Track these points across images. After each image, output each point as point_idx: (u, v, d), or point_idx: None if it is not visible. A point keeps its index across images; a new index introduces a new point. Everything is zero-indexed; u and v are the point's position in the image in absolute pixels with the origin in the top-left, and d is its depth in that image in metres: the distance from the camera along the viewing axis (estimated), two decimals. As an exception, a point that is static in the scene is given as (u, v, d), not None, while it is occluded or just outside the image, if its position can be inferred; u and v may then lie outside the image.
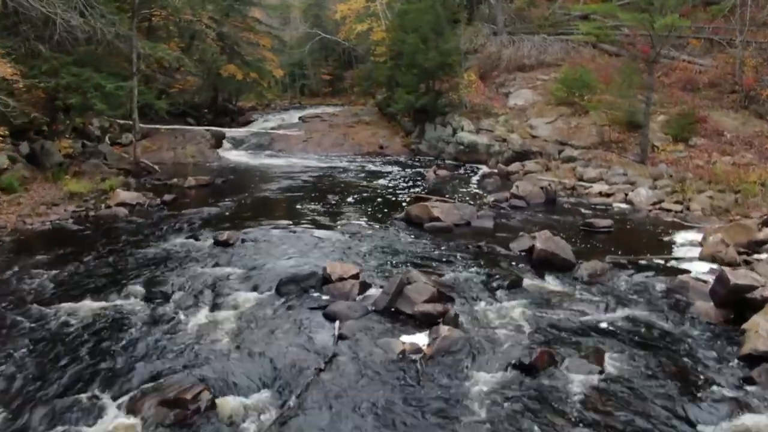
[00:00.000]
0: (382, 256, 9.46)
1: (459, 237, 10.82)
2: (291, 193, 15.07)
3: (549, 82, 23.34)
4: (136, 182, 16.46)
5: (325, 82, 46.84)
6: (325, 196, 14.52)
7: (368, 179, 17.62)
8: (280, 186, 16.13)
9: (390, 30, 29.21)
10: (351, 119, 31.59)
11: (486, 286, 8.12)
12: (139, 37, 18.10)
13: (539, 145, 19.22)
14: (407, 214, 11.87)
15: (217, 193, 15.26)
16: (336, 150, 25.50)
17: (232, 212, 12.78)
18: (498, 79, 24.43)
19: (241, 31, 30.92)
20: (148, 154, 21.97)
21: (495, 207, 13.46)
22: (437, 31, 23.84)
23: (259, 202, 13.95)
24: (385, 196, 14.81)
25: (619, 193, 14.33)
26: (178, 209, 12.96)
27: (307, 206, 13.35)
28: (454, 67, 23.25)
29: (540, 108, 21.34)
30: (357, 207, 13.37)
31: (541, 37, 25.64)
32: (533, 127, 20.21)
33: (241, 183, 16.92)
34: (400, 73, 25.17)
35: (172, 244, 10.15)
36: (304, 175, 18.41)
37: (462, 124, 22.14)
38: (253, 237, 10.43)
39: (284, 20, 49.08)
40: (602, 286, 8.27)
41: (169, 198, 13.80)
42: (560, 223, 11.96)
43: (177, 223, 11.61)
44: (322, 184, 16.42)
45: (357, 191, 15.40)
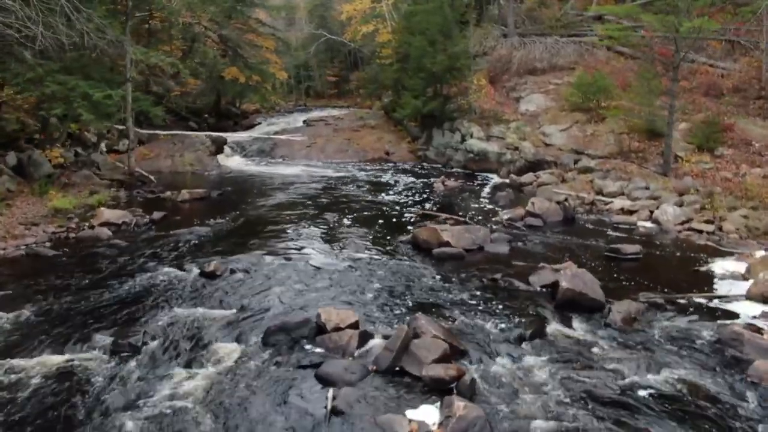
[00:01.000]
0: (385, 293, 8.29)
1: (471, 266, 9.64)
2: (289, 210, 13.93)
3: (562, 87, 22.11)
4: (127, 195, 15.38)
5: (331, 84, 45.73)
6: (325, 212, 13.38)
7: (372, 191, 16.47)
8: (278, 200, 15.00)
9: (396, 32, 28.03)
10: (356, 123, 30.47)
11: (505, 335, 6.95)
12: (132, 42, 17.00)
13: (553, 154, 18.00)
14: (414, 238, 10.71)
15: (211, 209, 14.15)
16: (340, 156, 24.37)
17: (224, 233, 11.66)
18: (508, 84, 23.20)
19: (244, 33, 29.81)
20: (145, 162, 20.94)
21: (509, 226, 12.28)
22: (445, 33, 22.64)
23: (254, 221, 12.82)
24: (390, 212, 13.65)
25: (643, 210, 13.10)
26: (167, 229, 11.86)
27: (306, 226, 12.21)
28: (463, 71, 22.05)
29: (553, 114, 20.11)
30: (359, 226, 12.21)
31: (553, 38, 24.38)
32: (546, 135, 18.99)
33: (239, 196, 15.80)
34: (407, 77, 23.99)
35: (154, 275, 9.03)
36: (304, 186, 17.27)
37: (471, 130, 20.95)
38: (243, 266, 9.29)
39: (289, 21, 47.95)
40: (639, 333, 7.08)
41: (158, 216, 12.69)
42: (582, 247, 10.76)
43: (162, 248, 10.49)
44: (323, 198, 15.28)
45: (360, 206, 14.25)
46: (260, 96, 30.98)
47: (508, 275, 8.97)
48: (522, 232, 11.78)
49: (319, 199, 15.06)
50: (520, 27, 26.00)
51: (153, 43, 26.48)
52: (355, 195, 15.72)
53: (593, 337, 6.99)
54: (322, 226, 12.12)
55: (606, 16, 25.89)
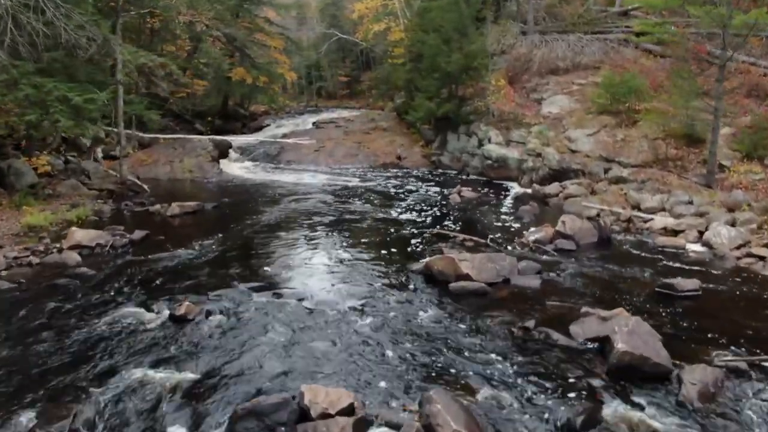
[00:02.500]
0: (390, 350, 6.52)
1: (496, 306, 7.84)
2: (287, 228, 12.22)
3: (587, 87, 20.15)
4: (112, 209, 13.74)
5: (343, 85, 44.01)
6: (327, 231, 11.67)
7: (381, 203, 14.70)
8: (277, 215, 13.28)
9: (408, 30, 26.20)
10: (367, 125, 28.72)
11: (546, 420, 5.17)
12: (121, 41, 15.37)
13: (580, 162, 16.09)
14: (428, 268, 8.93)
15: (201, 226, 12.50)
16: (349, 161, 22.63)
17: (209, 258, 9.95)
18: (529, 84, 21.28)
19: (251, 33, 28.13)
20: (142, 168, 19.39)
21: (537, 250, 10.45)
22: (461, 30, 20.78)
23: (246, 242, 11.11)
24: (400, 231, 11.87)
25: (691, 231, 11.20)
26: (147, 252, 10.19)
27: (303, 249, 10.47)
28: (480, 71, 20.18)
29: (579, 117, 18.18)
30: (364, 250, 10.45)
31: (576, 36, 22.40)
32: (572, 140, 17.09)
33: (235, 209, 14.12)
34: (420, 77, 22.17)
35: (113, 318, 7.35)
36: (308, 197, 15.54)
37: (489, 134, 19.09)
38: (222, 307, 7.59)
39: (300, 20, 46.25)
40: (724, 418, 5.26)
41: (139, 235, 11.02)
42: (625, 280, 8.91)
43: (134, 278, 8.82)
44: (327, 213, 13.53)
45: (366, 223, 12.49)
46: (268, 97, 29.36)
47: (543, 321, 7.16)
48: (553, 258, 9.94)
49: (322, 214, 13.31)
50: (540, 24, 24.03)
51: (155, 42, 24.97)
52: (362, 209, 13.95)
53: (666, 423, 5.17)
54: (322, 250, 10.37)
55: (632, 12, 23.88)
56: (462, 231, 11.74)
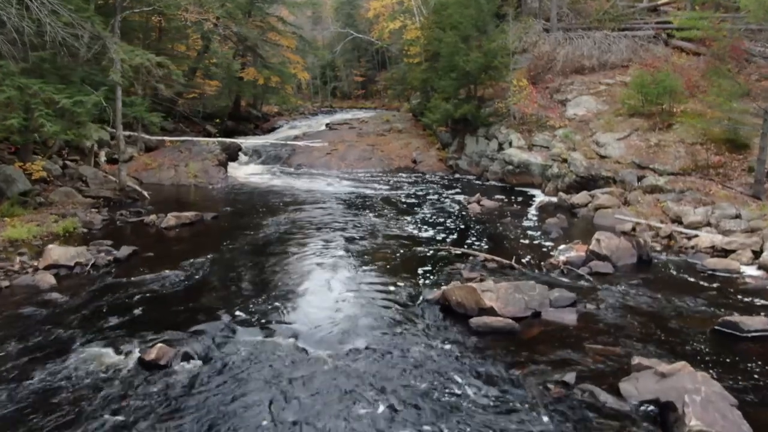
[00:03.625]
0: (397, 412, 5.22)
1: (526, 348, 6.50)
2: (289, 244, 10.96)
3: (615, 88, 18.65)
4: (104, 220, 12.58)
5: (358, 85, 42.76)
6: (332, 249, 10.38)
7: (394, 214, 13.40)
8: (279, 228, 12.03)
9: (425, 27, 24.84)
10: (382, 127, 27.46)
11: None
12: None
13: (611, 169, 14.63)
14: (445, 298, 7.61)
15: (197, 240, 11.31)
16: (362, 165, 21.37)
17: (196, 281, 8.73)
18: (552, 84, 19.80)
19: (262, 32, 26.97)
20: (146, 173, 18.31)
21: (569, 272, 9.08)
22: (480, 27, 19.43)
23: (240, 262, 9.86)
24: (414, 247, 10.54)
25: (744, 251, 9.72)
26: (131, 273, 9.00)
27: (303, 272, 9.19)
28: (501, 70, 18.79)
29: (607, 120, 16.69)
30: (373, 271, 9.15)
31: (602, 33, 20.85)
32: (601, 145, 15.61)
33: (236, 219, 12.93)
34: (436, 77, 20.87)
35: (74, 362, 6.14)
36: (316, 206, 14.30)
37: (510, 138, 17.69)
38: (201, 349, 6.34)
39: (315, 20, 45.06)
40: None
41: (125, 252, 9.85)
42: (676, 314, 7.50)
43: (109, 307, 7.62)
44: (334, 225, 12.25)
45: (376, 239, 11.18)
46: (280, 98, 28.20)
47: (585, 374, 5.81)
48: (588, 285, 8.55)
49: (329, 228, 12.04)
50: (564, 21, 22.51)
51: (164, 42, 23.93)
52: (372, 221, 12.65)
53: None
54: (324, 273, 9.08)
55: (662, 7, 22.29)
56: (483, 248, 10.41)
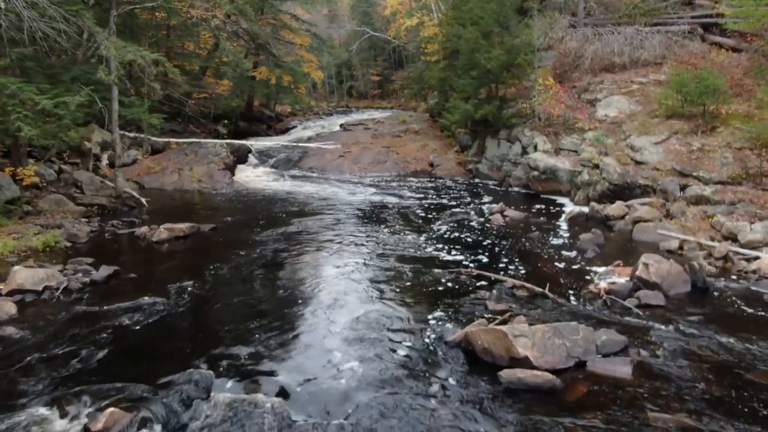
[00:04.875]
0: None
1: (570, 412, 5.07)
2: (288, 266, 9.60)
3: (649, 86, 17.01)
4: (92, 231, 11.35)
5: (374, 84, 41.34)
6: (337, 272, 8.99)
7: (409, 226, 11.99)
8: (280, 244, 10.66)
9: (443, 24, 23.34)
10: (398, 128, 26.06)
11: None
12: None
13: (648, 176, 13.05)
14: (468, 342, 6.19)
15: (187, 258, 10.02)
16: (376, 169, 20.00)
17: (177, 312, 7.40)
18: (580, 83, 18.20)
19: (275, 30, 25.69)
20: (148, 177, 17.13)
21: (614, 304, 7.59)
22: (502, 23, 17.90)
23: (231, 287, 8.52)
24: (430, 270, 9.09)
25: (819, 279, 8.15)
26: (104, 300, 7.72)
27: (301, 301, 7.81)
28: (524, 68, 17.27)
29: (642, 122, 15.07)
30: (381, 302, 7.73)
31: (633, 28, 19.17)
32: (636, 149, 14.02)
33: (235, 232, 11.62)
34: (455, 76, 19.40)
35: (8, 426, 4.87)
36: (324, 215, 12.95)
37: (535, 141, 16.17)
38: (162, 414, 4.99)
39: (331, 18, 43.73)
40: None
41: (105, 274, 8.58)
42: (754, 364, 5.99)
43: (68, 348, 6.32)
44: (342, 240, 10.86)
45: (388, 258, 9.77)
46: (293, 98, 26.88)
47: (655, 461, 4.36)
48: (639, 322, 7.06)
49: (335, 243, 10.66)
50: (593, 15, 20.85)
51: (172, 39, 22.79)
52: (384, 236, 11.23)
53: None
54: (326, 303, 7.69)
55: (698, 1, 20.51)
56: (509, 270, 8.96)
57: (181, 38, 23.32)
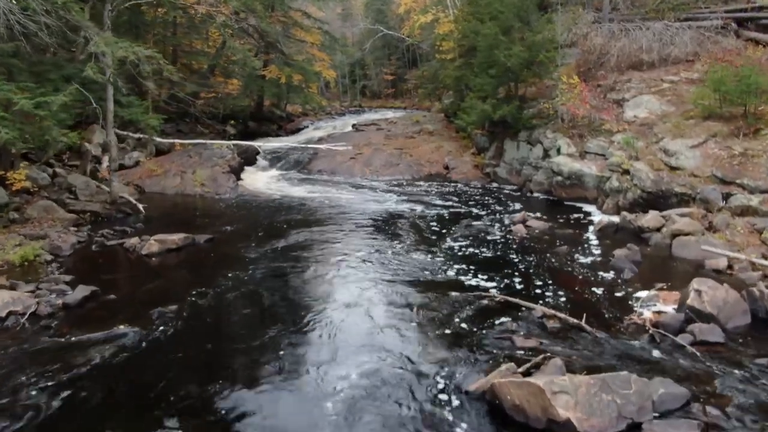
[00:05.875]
0: None
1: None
2: (285, 287, 8.49)
3: (680, 85, 15.64)
4: (79, 242, 10.32)
5: (387, 83, 40.13)
6: (342, 296, 7.85)
7: (422, 238, 10.81)
8: (277, 264, 9.51)
9: (459, 20, 22.09)
10: (411, 128, 24.84)
11: None
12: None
13: (685, 183, 11.74)
14: (495, 395, 5.02)
15: (177, 275, 8.95)
16: (389, 172, 18.83)
17: (157, 347, 6.31)
18: (605, 81, 16.85)
19: (285, 27, 24.62)
20: (150, 180, 16.14)
21: (663, 340, 6.36)
22: (523, 18, 16.62)
23: (222, 315, 7.41)
24: (447, 293, 7.89)
25: None
26: (73, 330, 6.66)
27: (296, 335, 6.67)
28: (547, 66, 15.98)
29: (676, 123, 13.73)
30: (390, 334, 6.55)
31: (662, 24, 17.77)
32: (670, 153, 12.70)
33: (233, 244, 10.51)
34: (472, 74, 18.18)
35: None
36: (330, 226, 11.82)
37: (558, 143, 14.89)
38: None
39: (345, 16, 42.57)
40: None
41: (80, 295, 7.51)
42: None
43: (20, 395, 5.27)
44: (348, 256, 9.67)
45: (399, 278, 8.60)
46: (303, 97, 25.78)
47: None
48: (698, 367, 5.82)
49: (340, 259, 9.49)
50: (618, 10, 19.46)
51: (178, 37, 21.84)
52: (395, 250, 10.04)
53: None
54: (324, 338, 6.53)
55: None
56: (536, 294, 7.75)
57: (187, 36, 22.37)
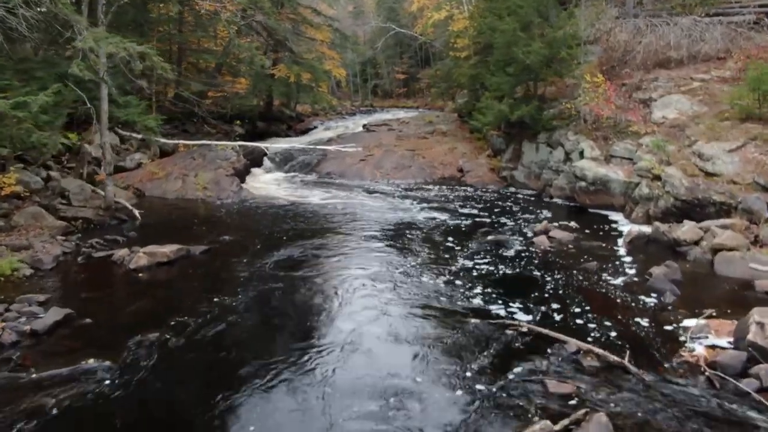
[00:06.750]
0: None
1: None
2: (281, 311, 7.53)
3: (712, 84, 14.46)
4: (65, 254, 9.43)
5: (399, 83, 39.07)
6: (344, 325, 6.86)
7: (436, 252, 9.78)
8: (274, 285, 8.55)
9: (475, 16, 21.01)
10: (424, 128, 23.81)
11: None
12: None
13: (724, 191, 10.61)
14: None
15: (166, 293, 8.01)
16: (400, 175, 17.84)
17: (126, 387, 5.37)
18: (630, 80, 15.69)
19: (294, 24, 23.68)
20: (151, 184, 15.28)
21: (723, 385, 5.31)
22: (542, 13, 15.53)
23: (206, 347, 6.45)
24: (462, 317, 6.89)
25: None
26: (38, 362, 5.75)
27: (288, 391, 5.71)
28: (569, 63, 14.89)
29: (710, 125, 12.59)
30: (400, 376, 5.57)
31: (690, 19, 16.57)
32: (705, 158, 11.57)
33: (231, 256, 9.55)
34: (488, 72, 17.12)
35: None
36: (336, 236, 10.84)
37: (581, 146, 13.80)
38: None
39: (356, 14, 41.57)
40: None
41: (50, 321, 6.57)
42: None
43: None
44: (352, 275, 8.68)
45: (409, 299, 7.59)
46: (313, 96, 24.83)
47: None
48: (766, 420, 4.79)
49: (345, 278, 8.49)
50: (642, 4, 18.27)
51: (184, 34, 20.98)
52: (405, 268, 9.01)
53: None
54: (318, 386, 5.57)
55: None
56: (566, 321, 6.71)
57: (194, 33, 21.51)
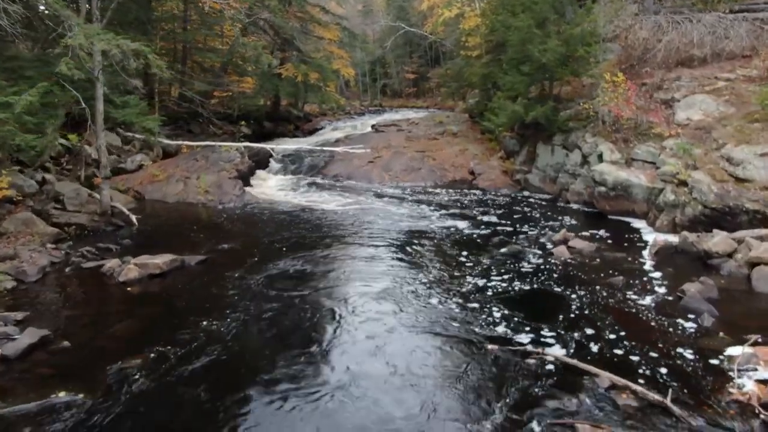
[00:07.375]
0: None
1: None
2: (274, 345, 6.84)
3: (738, 83, 13.60)
4: (53, 264, 8.83)
5: (409, 82, 38.30)
6: (340, 372, 6.17)
7: (446, 265, 9.05)
8: (272, 305, 7.85)
9: (487, 14, 20.22)
10: (434, 129, 23.05)
11: None
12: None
13: (758, 198, 9.79)
14: None
15: (156, 310, 7.35)
16: (409, 177, 17.12)
17: (102, 421, 4.72)
18: (651, 80, 14.85)
19: (302, 23, 23.01)
20: (151, 186, 14.69)
21: (780, 431, 4.57)
22: (558, 9, 14.74)
23: (193, 376, 5.77)
24: (478, 344, 6.17)
25: None
26: (6, 394, 5.12)
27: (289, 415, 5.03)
28: (587, 62, 14.08)
29: (739, 127, 11.75)
30: (411, 417, 4.88)
31: (714, 16, 15.69)
32: (735, 162, 10.74)
33: (228, 267, 8.86)
34: (501, 71, 16.34)
35: None
36: (339, 243, 10.14)
37: (599, 149, 13.01)
38: None
39: (365, 13, 40.84)
40: None
41: (23, 344, 5.95)
42: None
43: None
44: (357, 292, 7.98)
45: (420, 322, 6.87)
46: (321, 96, 24.15)
47: None
48: None
49: (347, 296, 7.78)
50: (662, 1, 17.40)
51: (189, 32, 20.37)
52: (413, 285, 8.27)
53: None
54: (323, 419, 4.88)
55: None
56: (594, 348, 5.97)
57: (199, 32, 20.90)
